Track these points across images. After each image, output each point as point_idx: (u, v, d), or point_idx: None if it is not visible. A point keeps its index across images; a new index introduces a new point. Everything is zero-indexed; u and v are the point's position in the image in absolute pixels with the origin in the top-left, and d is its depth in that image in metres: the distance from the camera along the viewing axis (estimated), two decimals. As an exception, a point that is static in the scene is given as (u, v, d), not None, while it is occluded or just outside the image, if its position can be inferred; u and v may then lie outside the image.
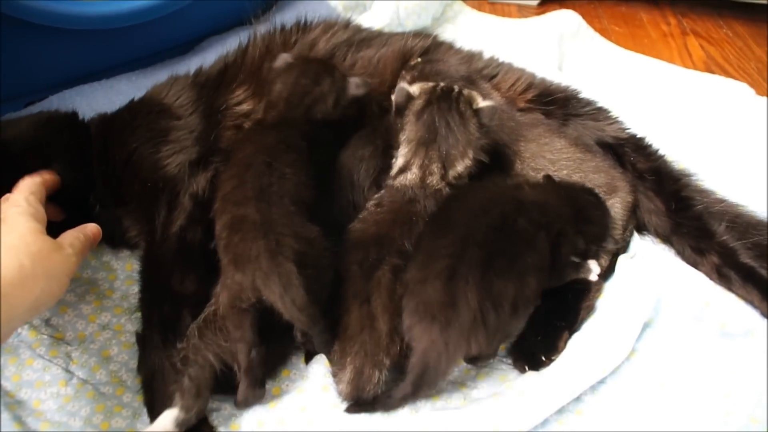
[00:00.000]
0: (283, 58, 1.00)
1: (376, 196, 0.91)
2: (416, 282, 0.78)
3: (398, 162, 0.91)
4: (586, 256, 0.89)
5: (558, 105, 1.09)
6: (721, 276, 0.94)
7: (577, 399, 0.81)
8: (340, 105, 0.97)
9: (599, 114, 1.09)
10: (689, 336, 0.89)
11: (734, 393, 0.82)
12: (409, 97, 0.92)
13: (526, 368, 0.84)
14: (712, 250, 0.94)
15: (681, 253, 0.98)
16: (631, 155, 1.03)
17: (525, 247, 0.79)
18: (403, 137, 0.91)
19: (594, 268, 0.88)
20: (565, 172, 0.97)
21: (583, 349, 0.83)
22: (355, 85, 0.98)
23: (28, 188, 0.80)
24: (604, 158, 1.01)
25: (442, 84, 0.93)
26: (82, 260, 0.78)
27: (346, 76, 0.99)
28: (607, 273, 0.93)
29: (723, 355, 0.87)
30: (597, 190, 0.94)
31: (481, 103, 0.91)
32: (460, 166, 0.89)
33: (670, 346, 0.88)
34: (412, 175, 0.89)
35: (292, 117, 0.94)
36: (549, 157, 0.98)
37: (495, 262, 0.76)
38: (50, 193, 0.85)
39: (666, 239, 0.99)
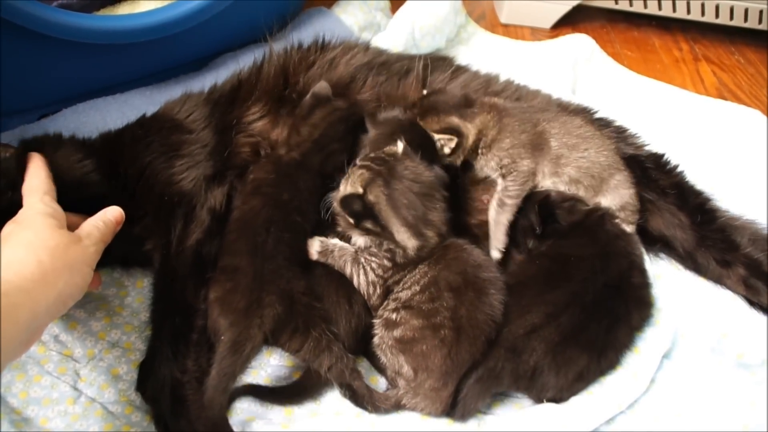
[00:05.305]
0: (323, 87, 1.01)
1: None
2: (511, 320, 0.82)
3: None
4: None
5: None
6: (748, 287, 0.94)
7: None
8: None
9: (617, 132, 1.09)
10: (706, 366, 0.88)
11: (751, 424, 0.82)
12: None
13: (543, 400, 0.83)
14: (737, 261, 0.95)
15: (705, 268, 0.97)
16: (653, 172, 1.03)
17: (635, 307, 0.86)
18: None
19: None
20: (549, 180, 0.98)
21: (601, 383, 0.83)
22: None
23: (41, 189, 0.79)
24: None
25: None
26: (103, 248, 0.78)
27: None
28: None
29: (740, 385, 0.86)
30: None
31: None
32: None
33: (687, 376, 0.87)
34: None
35: (310, 163, 0.95)
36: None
37: (588, 329, 0.81)
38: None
39: (690, 254, 0.99)
